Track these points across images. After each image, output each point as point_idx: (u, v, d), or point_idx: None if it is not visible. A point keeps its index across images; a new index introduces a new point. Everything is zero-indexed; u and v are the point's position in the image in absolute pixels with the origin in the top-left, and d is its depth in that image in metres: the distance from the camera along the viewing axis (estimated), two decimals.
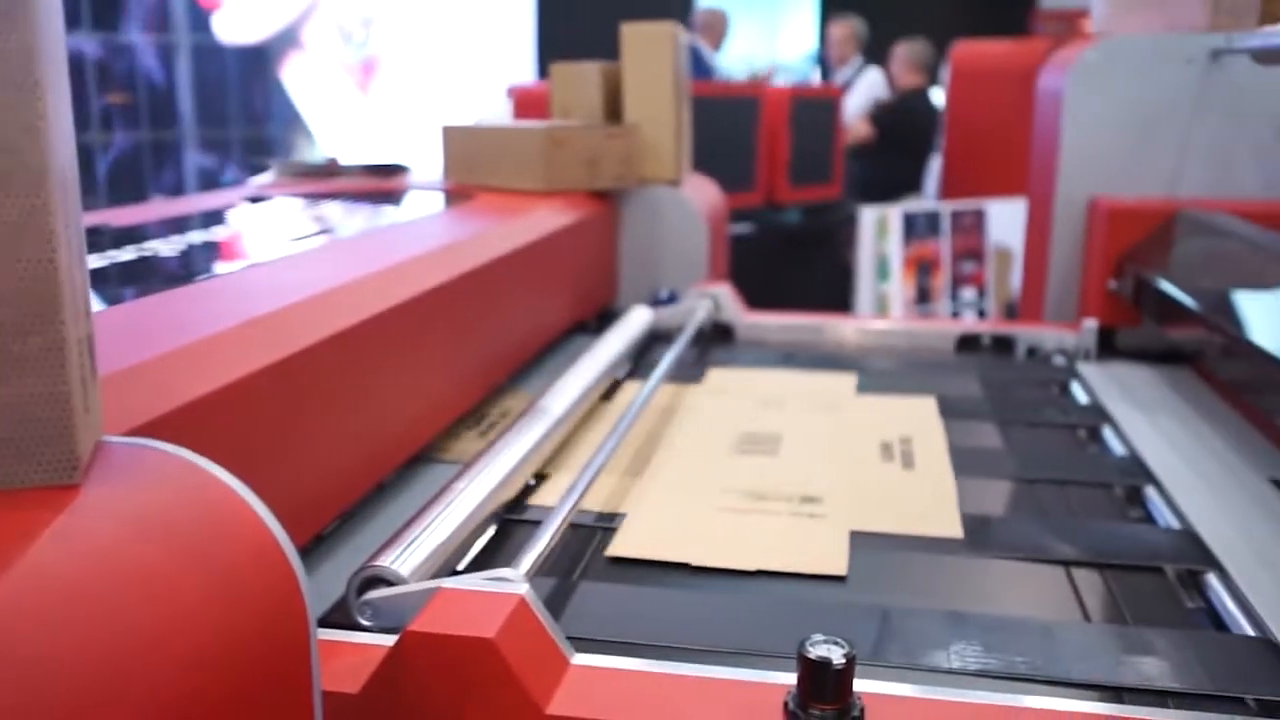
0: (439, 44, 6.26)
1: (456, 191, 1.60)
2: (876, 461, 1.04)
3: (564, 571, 0.82)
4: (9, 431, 0.44)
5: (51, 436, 0.44)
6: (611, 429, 0.97)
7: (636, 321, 1.40)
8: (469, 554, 0.82)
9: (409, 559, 0.70)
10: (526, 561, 0.69)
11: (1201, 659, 0.68)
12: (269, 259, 1.04)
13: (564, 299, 1.44)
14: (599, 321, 1.57)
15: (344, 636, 0.65)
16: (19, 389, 0.44)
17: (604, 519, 0.91)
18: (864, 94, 4.91)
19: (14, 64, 0.42)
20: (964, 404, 1.23)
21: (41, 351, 0.44)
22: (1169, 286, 1.29)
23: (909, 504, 0.94)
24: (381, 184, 1.74)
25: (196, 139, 5.54)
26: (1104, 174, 1.54)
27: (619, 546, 0.85)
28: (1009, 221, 3.73)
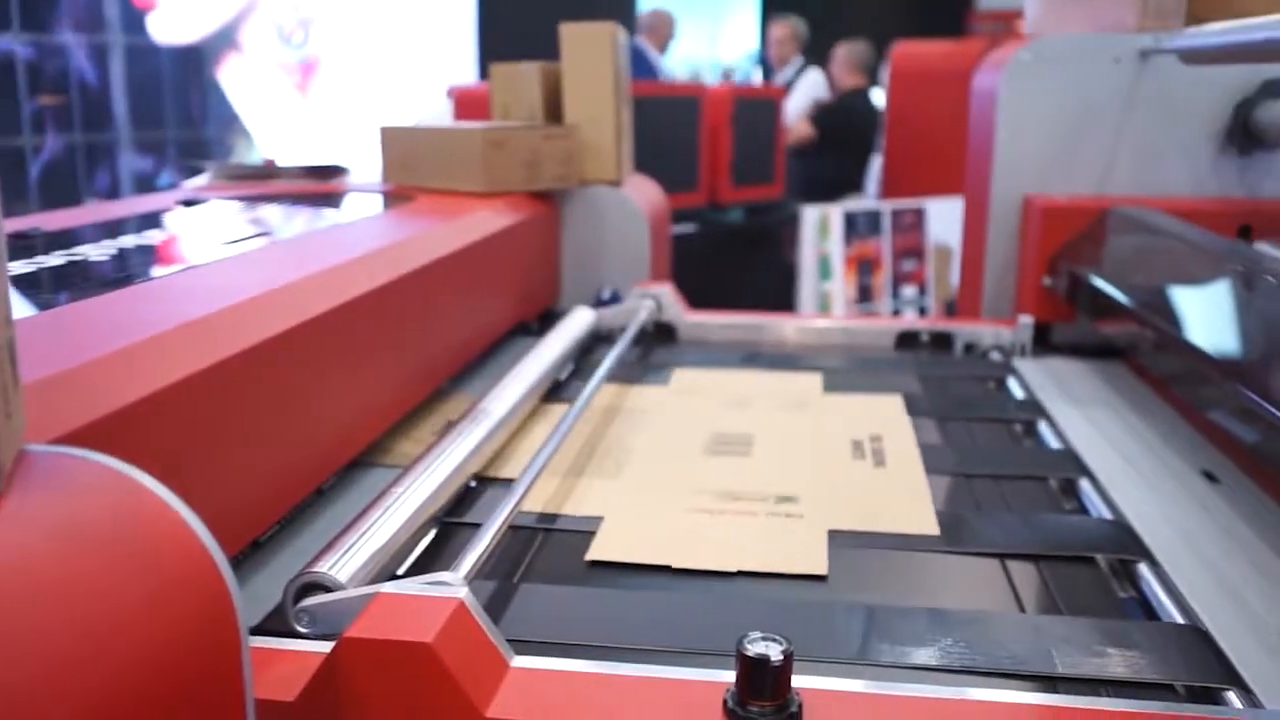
0: (379, 44, 6.21)
1: (396, 193, 1.59)
2: (848, 460, 1.05)
3: (542, 577, 0.81)
4: None
5: None
6: (555, 430, 0.97)
7: (579, 322, 1.40)
8: (410, 558, 0.81)
9: (347, 564, 0.69)
10: (466, 565, 0.69)
11: (1133, 647, 0.69)
12: (201, 263, 1.02)
13: (505, 300, 1.43)
14: (541, 322, 1.56)
15: (281, 644, 0.64)
16: None
17: (582, 522, 0.90)
18: (805, 95, 4.95)
19: None
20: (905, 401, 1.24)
21: None
22: (1101, 283, 1.31)
23: (884, 502, 0.95)
24: (320, 186, 1.73)
25: (131, 141, 5.44)
26: (1038, 172, 1.56)
27: (598, 550, 0.84)
28: (948, 220, 3.78)
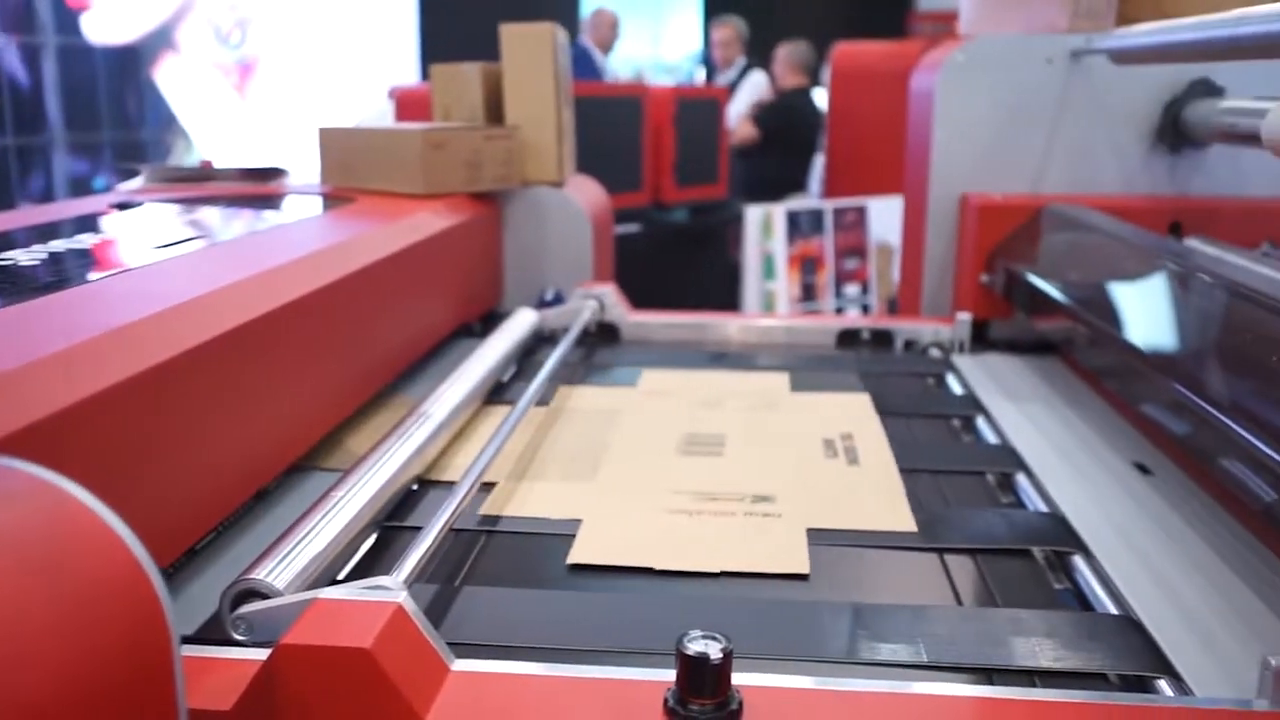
0: (319, 45, 6.14)
1: (336, 195, 1.57)
2: (821, 459, 1.06)
3: (524, 581, 0.81)
4: None
5: None
6: (497, 431, 0.97)
7: (521, 323, 1.40)
8: (351, 562, 0.80)
9: (285, 570, 0.68)
10: (405, 569, 0.68)
11: (1067, 638, 0.70)
12: (132, 267, 1.01)
13: (447, 302, 1.42)
14: (484, 324, 1.56)
15: (217, 653, 0.63)
16: None
17: (558, 525, 0.90)
18: (749, 96, 4.98)
19: None
20: None
21: None
22: (1036, 280, 1.34)
23: (859, 500, 0.95)
24: (258, 188, 1.70)
25: (66, 143, 5.33)
26: (974, 171, 1.59)
27: (578, 553, 0.84)
28: (889, 218, 3.82)
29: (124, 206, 1.46)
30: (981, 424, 1.17)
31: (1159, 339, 1.04)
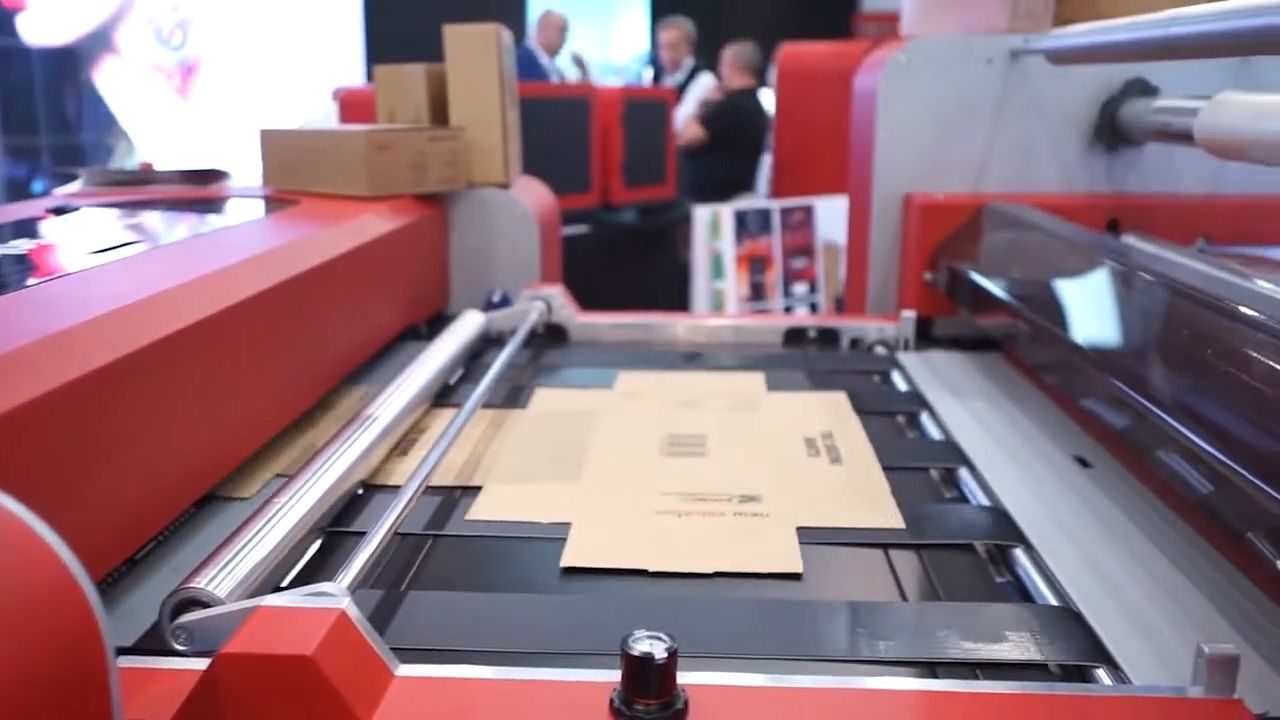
0: (262, 45, 6.07)
1: (278, 198, 1.55)
2: (804, 457, 1.06)
3: (517, 585, 0.81)
4: None
5: None
6: (444, 434, 0.96)
7: (468, 325, 1.39)
8: (296, 568, 0.79)
9: (226, 579, 0.67)
10: (349, 575, 0.67)
11: (1009, 630, 0.71)
12: (70, 271, 0.99)
13: (392, 305, 1.41)
14: (431, 326, 1.55)
15: (157, 663, 0.62)
16: None
17: (547, 529, 0.89)
18: (696, 98, 5.00)
19: None
20: None
21: None
22: (978, 277, 1.35)
23: (845, 498, 0.96)
24: (198, 191, 1.68)
25: (2, 147, 5.22)
26: (917, 170, 1.60)
27: (570, 556, 0.83)
28: (836, 218, 3.85)
29: (61, 211, 1.44)
30: (926, 420, 1.18)
31: (1098, 335, 1.06)
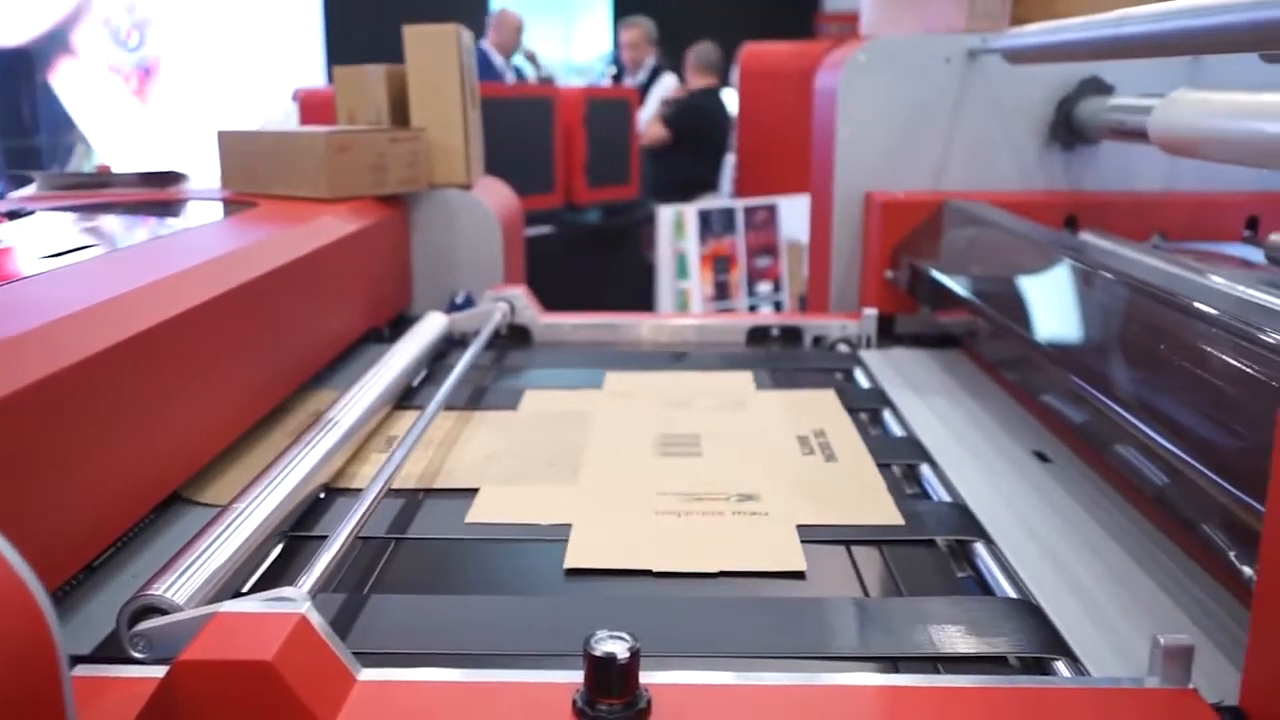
0: (221, 46, 6.01)
1: (237, 200, 1.54)
2: (798, 455, 1.06)
3: (518, 588, 0.80)
4: None
5: None
6: (406, 435, 0.96)
7: (431, 327, 1.38)
8: (256, 574, 0.79)
9: (185, 585, 0.67)
10: (310, 580, 0.67)
11: (969, 624, 0.72)
12: (19, 277, 0.97)
13: (354, 307, 1.40)
14: (393, 328, 1.54)
15: (115, 671, 0.62)
16: None
17: (547, 531, 0.89)
18: (659, 98, 4.99)
19: None
20: None
21: None
22: (939, 275, 1.36)
23: (842, 495, 0.96)
24: (156, 194, 1.66)
25: None
26: (877, 169, 1.61)
27: (574, 558, 0.83)
28: (799, 217, 3.87)
29: (15, 215, 1.41)
30: (888, 417, 1.19)
31: (1056, 331, 1.07)
